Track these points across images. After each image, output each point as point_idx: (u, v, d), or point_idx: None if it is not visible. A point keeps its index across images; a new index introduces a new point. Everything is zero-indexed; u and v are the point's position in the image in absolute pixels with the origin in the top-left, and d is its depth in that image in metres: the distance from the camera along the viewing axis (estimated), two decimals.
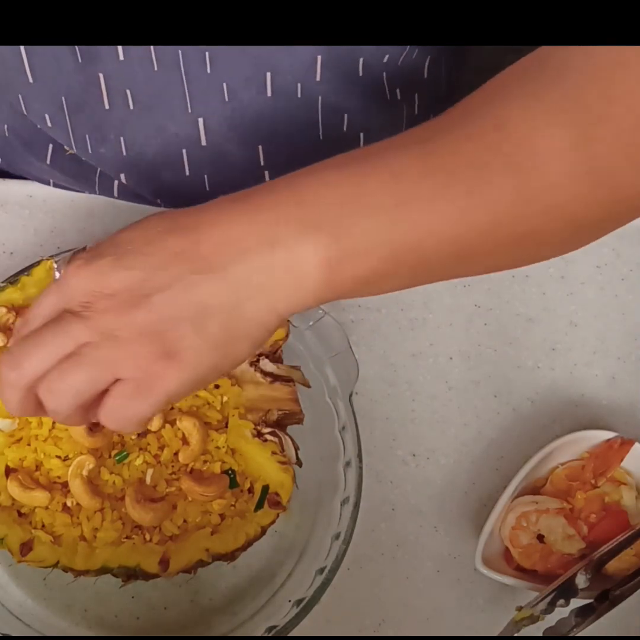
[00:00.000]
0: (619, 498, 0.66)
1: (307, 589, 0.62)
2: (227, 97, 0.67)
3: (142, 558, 0.61)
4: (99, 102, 0.67)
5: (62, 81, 0.66)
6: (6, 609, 0.64)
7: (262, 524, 0.62)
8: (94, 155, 0.72)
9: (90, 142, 0.71)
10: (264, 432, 0.63)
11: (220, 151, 0.72)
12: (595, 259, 0.78)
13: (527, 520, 0.65)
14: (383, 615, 0.67)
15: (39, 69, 0.66)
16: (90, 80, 0.66)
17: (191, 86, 0.66)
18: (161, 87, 0.66)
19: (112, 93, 0.67)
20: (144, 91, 0.67)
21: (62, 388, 0.45)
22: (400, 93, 0.74)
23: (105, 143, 0.71)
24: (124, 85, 0.66)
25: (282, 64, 0.65)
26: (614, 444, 0.67)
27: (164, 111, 0.68)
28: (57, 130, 0.70)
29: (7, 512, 0.62)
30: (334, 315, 0.67)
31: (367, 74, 0.69)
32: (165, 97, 0.67)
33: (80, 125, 0.70)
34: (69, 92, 0.68)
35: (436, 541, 0.69)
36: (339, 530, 0.62)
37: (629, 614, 0.67)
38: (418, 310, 0.75)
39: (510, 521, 0.65)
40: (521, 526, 0.65)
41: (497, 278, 0.77)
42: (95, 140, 0.71)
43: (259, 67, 0.65)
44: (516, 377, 0.73)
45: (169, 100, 0.67)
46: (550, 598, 0.61)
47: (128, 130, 0.70)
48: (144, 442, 0.63)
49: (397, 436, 0.71)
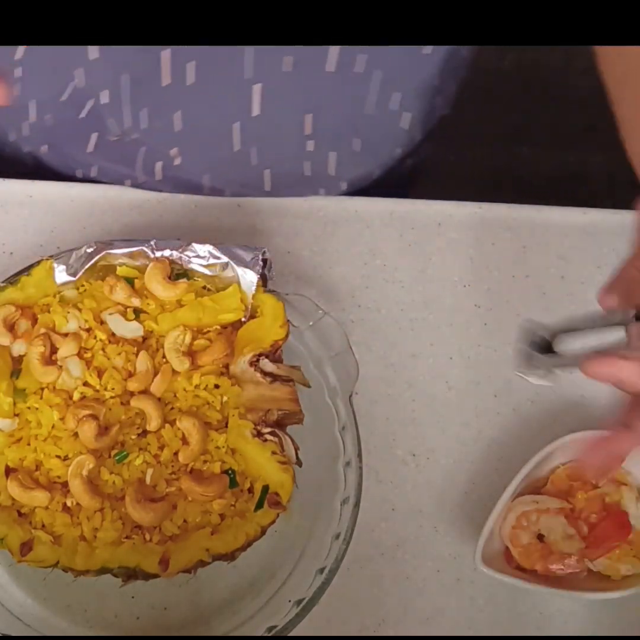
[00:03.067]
0: (619, 498, 0.66)
1: (307, 589, 0.62)
2: (286, 65, 0.67)
3: (142, 558, 0.61)
4: (158, 78, 0.67)
5: (126, 58, 0.66)
6: (6, 609, 0.64)
7: (262, 524, 0.62)
8: (149, 131, 0.72)
9: (149, 114, 0.71)
10: (264, 432, 0.63)
11: (269, 122, 0.72)
12: (595, 259, 0.78)
13: (527, 519, 0.65)
14: (383, 615, 0.67)
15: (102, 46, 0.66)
16: (153, 58, 0.66)
17: (249, 54, 0.66)
18: (222, 61, 0.66)
19: (174, 68, 0.67)
20: (204, 67, 0.66)
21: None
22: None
23: (161, 117, 0.71)
24: (186, 59, 0.66)
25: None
26: None
27: (222, 81, 0.68)
28: (113, 106, 0.70)
29: (7, 512, 0.62)
30: (334, 315, 0.67)
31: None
32: (225, 68, 0.67)
33: (139, 98, 0.70)
34: (130, 68, 0.67)
35: (436, 541, 0.69)
36: (339, 530, 0.62)
37: (629, 613, 0.67)
38: (418, 310, 0.75)
39: (510, 520, 0.65)
40: (521, 525, 0.65)
41: (497, 278, 0.77)
42: (152, 114, 0.71)
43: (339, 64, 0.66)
44: (516, 377, 0.73)
45: (229, 69, 0.67)
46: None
47: (185, 103, 0.70)
48: (143, 442, 0.63)
49: (397, 436, 0.71)
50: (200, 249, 0.67)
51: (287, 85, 0.69)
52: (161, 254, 0.67)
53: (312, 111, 0.72)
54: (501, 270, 0.77)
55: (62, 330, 0.65)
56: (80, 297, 0.66)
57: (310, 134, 0.74)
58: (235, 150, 0.74)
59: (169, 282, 0.66)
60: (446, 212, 0.79)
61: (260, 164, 0.77)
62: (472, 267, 0.77)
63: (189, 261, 0.67)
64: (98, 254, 0.66)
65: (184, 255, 0.67)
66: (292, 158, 0.77)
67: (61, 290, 0.66)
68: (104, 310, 0.65)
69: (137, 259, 0.67)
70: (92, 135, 0.75)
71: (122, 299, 0.65)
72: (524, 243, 0.78)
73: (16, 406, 0.63)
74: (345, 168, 0.80)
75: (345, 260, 0.77)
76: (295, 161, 0.77)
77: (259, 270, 0.66)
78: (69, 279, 0.66)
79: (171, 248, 0.67)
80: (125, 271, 0.67)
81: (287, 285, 0.74)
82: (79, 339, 0.64)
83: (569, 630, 0.67)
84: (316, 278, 0.76)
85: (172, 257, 0.67)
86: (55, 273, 0.66)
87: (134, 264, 0.67)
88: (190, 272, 0.67)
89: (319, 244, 0.78)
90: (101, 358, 0.64)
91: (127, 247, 0.67)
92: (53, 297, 0.66)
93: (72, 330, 0.65)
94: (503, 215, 0.79)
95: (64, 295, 0.66)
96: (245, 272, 0.66)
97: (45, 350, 0.63)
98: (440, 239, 0.78)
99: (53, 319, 0.65)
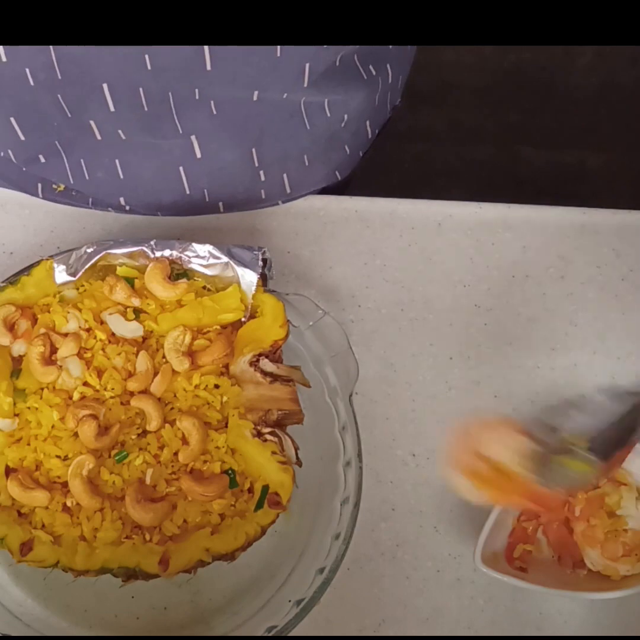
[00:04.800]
0: (619, 498, 0.66)
1: (307, 589, 0.62)
2: (214, 110, 0.67)
3: (142, 558, 0.61)
4: (91, 137, 0.68)
5: (53, 131, 0.67)
6: (6, 609, 0.64)
7: (262, 524, 0.62)
8: (91, 182, 0.73)
9: (87, 168, 0.71)
10: (263, 432, 0.63)
11: (216, 160, 0.72)
12: (595, 259, 0.78)
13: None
14: (383, 615, 0.67)
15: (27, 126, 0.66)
16: (81, 126, 0.67)
17: (179, 111, 0.66)
18: (152, 119, 0.67)
19: (104, 132, 0.67)
20: (136, 127, 0.67)
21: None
22: (374, 69, 0.74)
23: (101, 167, 0.71)
24: (115, 127, 0.67)
25: (269, 83, 0.66)
26: None
27: (156, 136, 0.69)
28: (51, 165, 0.71)
29: (7, 512, 0.62)
30: (334, 315, 0.67)
31: (343, 63, 0.69)
32: (157, 124, 0.67)
33: (74, 154, 0.70)
34: (61, 137, 0.68)
35: (436, 541, 0.69)
36: (339, 530, 0.62)
37: (629, 613, 0.67)
38: (418, 310, 0.75)
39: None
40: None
41: (497, 278, 0.77)
42: (91, 165, 0.71)
43: (248, 87, 0.66)
44: (516, 377, 0.73)
45: (160, 126, 0.68)
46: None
47: (122, 154, 0.70)
48: (143, 442, 0.63)
49: (397, 436, 0.71)
50: (200, 249, 0.67)
51: (221, 127, 0.69)
52: (161, 254, 0.67)
53: (255, 144, 0.72)
54: (501, 270, 0.77)
55: (62, 330, 0.65)
56: (80, 297, 0.66)
57: (259, 165, 0.74)
58: (187, 194, 0.75)
59: (169, 282, 0.66)
60: (446, 212, 0.79)
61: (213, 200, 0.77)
62: (472, 267, 0.77)
63: (189, 261, 0.67)
64: (98, 254, 0.66)
65: (184, 255, 0.67)
66: (245, 190, 0.77)
67: (61, 290, 0.66)
68: (104, 310, 0.65)
69: (137, 259, 0.67)
70: (38, 184, 0.76)
71: (122, 299, 0.65)
72: (524, 243, 0.78)
73: (16, 406, 0.63)
74: (301, 183, 0.79)
75: (345, 260, 0.77)
76: (250, 191, 0.77)
77: (259, 270, 0.66)
78: (69, 279, 0.66)
79: (171, 248, 0.67)
80: (125, 271, 0.67)
81: (287, 285, 0.74)
82: (79, 339, 0.64)
83: (569, 630, 0.67)
84: (316, 278, 0.76)
85: (172, 257, 0.67)
86: (55, 273, 0.66)
87: (134, 264, 0.67)
88: (190, 272, 0.67)
89: (319, 244, 0.78)
90: (101, 358, 0.64)
91: (127, 247, 0.67)
92: (53, 297, 0.66)
93: (72, 330, 0.65)
94: (503, 215, 0.79)
95: (64, 295, 0.66)
96: (245, 272, 0.66)
97: (45, 350, 0.63)
98: (440, 239, 0.78)
99: (53, 319, 0.65)
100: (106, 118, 0.65)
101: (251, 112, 0.69)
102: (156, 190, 0.74)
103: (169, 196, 0.75)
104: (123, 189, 0.74)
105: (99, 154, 0.71)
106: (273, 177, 0.76)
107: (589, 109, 1.82)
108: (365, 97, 0.76)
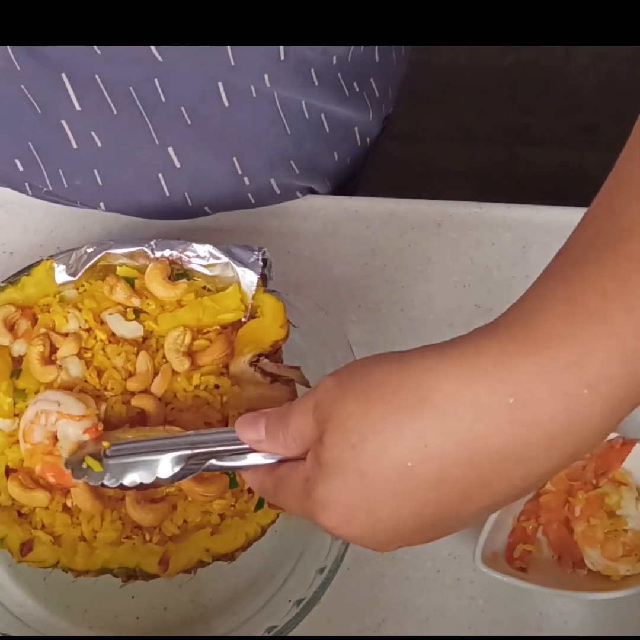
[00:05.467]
0: (619, 498, 0.66)
1: (307, 589, 0.62)
2: (188, 120, 0.67)
3: (142, 558, 0.61)
4: (67, 142, 0.68)
5: (26, 129, 0.67)
6: (6, 609, 0.64)
7: (262, 524, 0.62)
8: (71, 189, 0.73)
9: (65, 176, 0.71)
10: None
11: (196, 169, 0.72)
12: None
13: (46, 419, 0.60)
14: (383, 615, 0.67)
15: (1, 121, 0.66)
16: (53, 127, 0.66)
17: (152, 119, 0.66)
18: (125, 126, 0.66)
19: (77, 135, 0.67)
20: (109, 131, 0.67)
21: None
22: (357, 85, 0.74)
23: (79, 175, 0.71)
24: (87, 128, 0.66)
25: (231, 75, 0.66)
26: (615, 444, 0.67)
27: (132, 146, 0.68)
28: (29, 172, 0.71)
29: (7, 512, 0.62)
30: (334, 315, 0.67)
31: (322, 80, 0.69)
32: (131, 133, 0.67)
33: (52, 162, 0.70)
34: (35, 137, 0.68)
35: (436, 541, 0.69)
36: None
37: (629, 613, 0.67)
38: (418, 310, 0.75)
39: (30, 414, 0.61)
40: (38, 422, 0.60)
41: (497, 278, 0.77)
42: (69, 174, 0.71)
43: (210, 79, 0.66)
44: None
45: (136, 136, 0.67)
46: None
47: (100, 163, 0.70)
48: None
49: None
50: (200, 249, 0.66)
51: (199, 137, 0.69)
52: (161, 254, 0.67)
53: (235, 154, 0.72)
54: (501, 270, 0.77)
55: (62, 330, 0.65)
56: (80, 297, 0.66)
57: (242, 172, 0.74)
58: (166, 196, 0.74)
59: (169, 283, 0.66)
60: (446, 212, 0.79)
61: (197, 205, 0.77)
62: (472, 267, 0.77)
63: (189, 261, 0.67)
64: (98, 254, 0.66)
65: (184, 256, 0.67)
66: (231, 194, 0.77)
67: (61, 290, 0.66)
68: (104, 310, 0.65)
69: (137, 259, 0.67)
70: (25, 183, 0.76)
71: (122, 299, 0.65)
72: (524, 243, 0.78)
73: (16, 406, 0.63)
74: (290, 189, 0.79)
75: (345, 260, 0.77)
76: (237, 196, 0.77)
77: (259, 270, 0.66)
78: (69, 279, 0.66)
79: (171, 248, 0.67)
80: (125, 271, 0.67)
81: (287, 285, 0.74)
82: (79, 339, 0.64)
83: (569, 630, 0.67)
84: (316, 278, 0.76)
85: (172, 257, 0.67)
86: (55, 273, 0.66)
87: (134, 264, 0.67)
88: (190, 272, 0.67)
89: (319, 244, 0.78)
90: (101, 358, 0.64)
91: (127, 247, 0.66)
92: (53, 297, 0.66)
93: (72, 330, 0.64)
94: (503, 215, 0.79)
95: (64, 295, 0.66)
96: (245, 272, 0.66)
97: (45, 350, 0.63)
98: (440, 239, 0.78)
99: (53, 319, 0.65)
100: (75, 118, 0.65)
101: (227, 122, 0.68)
102: (136, 193, 0.74)
103: (148, 199, 0.74)
104: (102, 194, 0.74)
105: (77, 163, 0.70)
106: (260, 182, 0.76)
107: (589, 109, 1.82)
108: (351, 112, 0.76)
